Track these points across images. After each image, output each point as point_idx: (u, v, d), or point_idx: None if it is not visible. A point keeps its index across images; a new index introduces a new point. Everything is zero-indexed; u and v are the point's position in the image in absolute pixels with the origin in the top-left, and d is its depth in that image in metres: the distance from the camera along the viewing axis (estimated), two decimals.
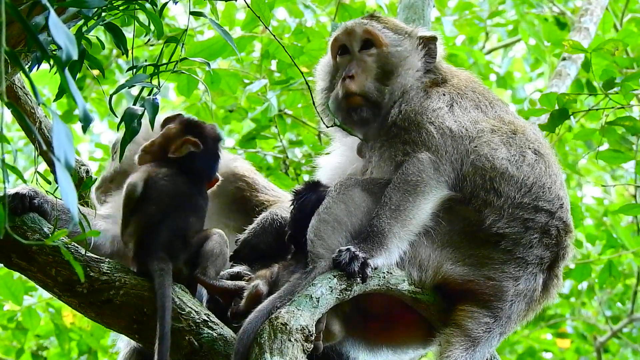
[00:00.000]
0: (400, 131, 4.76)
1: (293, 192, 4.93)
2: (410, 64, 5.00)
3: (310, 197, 4.78)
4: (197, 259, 4.59)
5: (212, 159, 4.89)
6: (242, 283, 4.66)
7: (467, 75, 5.13)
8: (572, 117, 6.29)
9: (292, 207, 4.85)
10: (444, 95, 4.89)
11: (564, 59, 7.85)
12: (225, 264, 4.68)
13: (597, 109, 6.44)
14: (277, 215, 5.00)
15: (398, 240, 4.53)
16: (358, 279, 4.40)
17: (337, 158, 5.20)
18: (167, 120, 5.00)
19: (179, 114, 5.05)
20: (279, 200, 5.22)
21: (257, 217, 5.06)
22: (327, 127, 5.07)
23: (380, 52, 5.02)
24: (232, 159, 5.39)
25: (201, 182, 4.82)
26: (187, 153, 4.80)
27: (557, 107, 6.16)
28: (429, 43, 5.07)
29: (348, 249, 4.42)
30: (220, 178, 4.92)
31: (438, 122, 4.74)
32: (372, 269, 4.44)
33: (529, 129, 4.91)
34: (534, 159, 4.75)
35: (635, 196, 9.11)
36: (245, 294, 4.58)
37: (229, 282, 4.66)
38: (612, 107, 6.21)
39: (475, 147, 4.69)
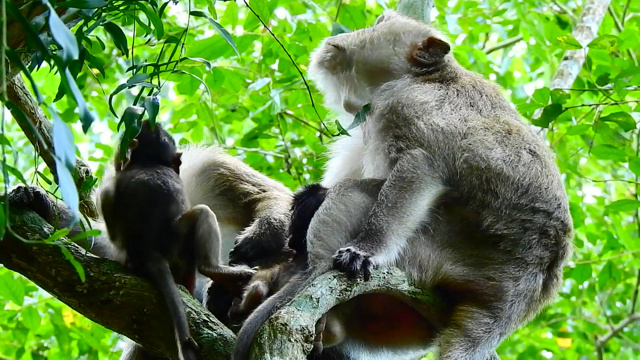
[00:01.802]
0: (390, 124, 4.77)
1: (293, 197, 4.94)
2: (399, 43, 5.07)
3: (310, 201, 4.78)
4: (192, 249, 4.58)
5: (155, 142, 4.81)
6: (247, 270, 4.65)
7: (481, 79, 5.06)
8: (573, 118, 6.28)
9: (292, 212, 4.85)
10: (438, 90, 4.88)
11: (565, 58, 7.81)
12: (219, 239, 4.65)
13: (590, 105, 6.45)
14: (272, 219, 5.01)
15: (396, 238, 4.53)
16: (360, 278, 4.40)
17: (341, 155, 5.22)
18: None
19: None
20: (264, 192, 5.23)
21: (242, 207, 5.14)
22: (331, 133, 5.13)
23: (380, 24, 5.19)
24: (218, 152, 5.41)
25: (166, 166, 4.77)
26: (132, 154, 4.76)
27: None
28: (436, 45, 5.06)
29: (348, 249, 4.42)
30: (181, 151, 4.87)
31: (425, 117, 4.73)
32: (373, 267, 4.43)
33: (525, 129, 4.88)
34: (529, 159, 4.74)
35: (636, 195, 9.11)
36: (245, 294, 4.58)
37: (234, 268, 4.66)
38: (606, 103, 6.21)
39: (469, 144, 4.68)
